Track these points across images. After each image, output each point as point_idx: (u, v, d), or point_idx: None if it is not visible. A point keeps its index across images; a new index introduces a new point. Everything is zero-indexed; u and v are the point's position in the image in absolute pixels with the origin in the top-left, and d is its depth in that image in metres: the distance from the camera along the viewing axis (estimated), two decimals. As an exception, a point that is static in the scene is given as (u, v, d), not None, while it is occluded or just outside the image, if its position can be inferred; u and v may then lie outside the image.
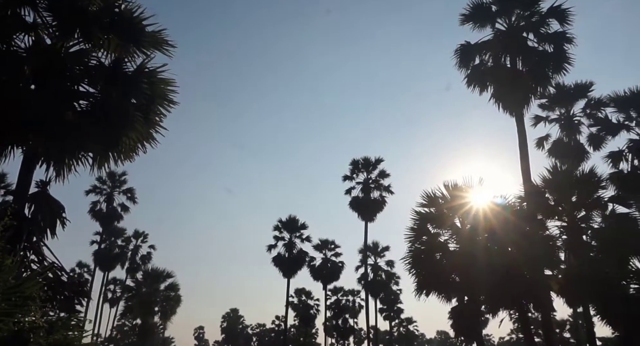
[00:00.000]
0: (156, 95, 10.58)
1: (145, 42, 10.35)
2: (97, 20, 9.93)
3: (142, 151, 10.88)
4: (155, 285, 36.57)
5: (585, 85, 23.41)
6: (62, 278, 9.10)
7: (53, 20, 9.97)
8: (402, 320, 61.66)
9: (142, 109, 10.51)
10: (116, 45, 10.31)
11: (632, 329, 14.40)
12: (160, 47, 10.43)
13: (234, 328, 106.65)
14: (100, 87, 10.38)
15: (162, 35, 10.37)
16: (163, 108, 10.80)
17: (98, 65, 10.33)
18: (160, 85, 10.53)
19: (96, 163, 10.61)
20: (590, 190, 16.30)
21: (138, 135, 10.55)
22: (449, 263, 15.73)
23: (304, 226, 43.56)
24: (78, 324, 6.73)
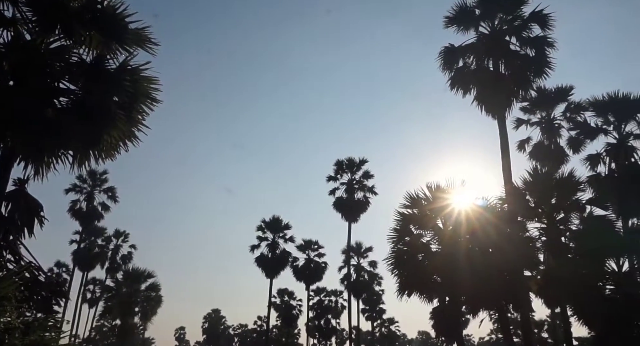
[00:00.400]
0: (139, 93, 10.43)
1: (128, 39, 10.21)
2: (79, 16, 9.75)
3: (124, 149, 10.74)
4: (135, 285, 36.10)
5: (566, 89, 23.86)
6: (39, 277, 8.94)
7: (33, 15, 9.77)
8: (384, 321, 61.96)
9: (125, 107, 10.36)
10: (98, 42, 10.15)
11: (608, 329, 14.72)
12: (144, 44, 10.30)
13: (215, 329, 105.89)
14: (82, 84, 10.19)
15: (145, 33, 10.23)
16: (146, 106, 10.66)
17: (79, 62, 10.14)
18: (143, 83, 10.39)
19: (76, 162, 10.42)
20: (569, 193, 16.62)
21: (120, 134, 10.40)
22: (430, 264, 15.86)
23: (288, 226, 43.51)
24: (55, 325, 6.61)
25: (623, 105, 20.64)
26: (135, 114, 10.55)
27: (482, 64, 18.12)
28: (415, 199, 16.53)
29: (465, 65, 18.35)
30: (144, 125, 10.75)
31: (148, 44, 10.35)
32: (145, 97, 10.52)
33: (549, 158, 23.26)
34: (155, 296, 36.59)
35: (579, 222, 16.45)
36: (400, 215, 16.49)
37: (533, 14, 17.35)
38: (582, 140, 22.40)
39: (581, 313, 15.48)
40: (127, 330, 35.53)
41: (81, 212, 41.41)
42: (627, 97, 20.61)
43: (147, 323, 37.40)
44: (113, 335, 44.17)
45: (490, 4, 17.75)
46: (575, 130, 22.94)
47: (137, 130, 10.70)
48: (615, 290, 16.23)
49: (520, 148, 24.96)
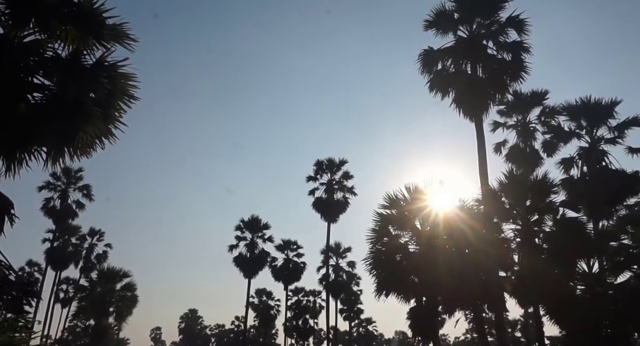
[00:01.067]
0: (116, 90, 10.25)
1: (105, 34, 10.00)
2: (54, 10, 9.53)
3: (100, 147, 10.54)
4: (110, 284, 35.42)
5: (541, 93, 24.37)
6: (9, 277, 8.70)
7: (6, 8, 9.50)
8: (361, 321, 62.35)
9: (101, 104, 10.16)
10: (74, 37, 9.92)
11: (578, 328, 15.10)
12: (122, 40, 10.10)
13: (192, 329, 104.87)
14: (57, 80, 9.95)
15: (123, 29, 10.04)
16: (123, 103, 10.48)
17: (54, 57, 9.91)
18: (120, 79, 10.21)
19: (50, 159, 10.18)
20: (543, 195, 16.99)
21: (96, 131, 10.20)
22: (408, 265, 16.01)
23: (267, 226, 43.38)
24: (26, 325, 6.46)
25: (595, 110, 21.24)
26: (112, 111, 10.36)
27: (460, 67, 18.37)
28: (394, 200, 16.66)
29: (443, 68, 18.58)
30: (121, 123, 10.57)
31: (126, 40, 10.15)
32: (123, 94, 10.34)
33: (525, 160, 23.70)
34: (130, 296, 35.96)
35: (552, 224, 16.81)
36: (379, 215, 16.60)
37: (510, 19, 17.68)
38: (556, 143, 22.92)
39: (553, 312, 15.84)
40: (101, 330, 34.86)
41: (55, 210, 40.50)
42: (599, 103, 21.23)
43: (122, 323, 36.72)
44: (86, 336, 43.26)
45: (468, 8, 18.01)
46: (550, 134, 23.45)
47: (114, 128, 10.50)
48: (585, 290, 16.69)
49: (496, 150, 25.37)
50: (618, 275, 16.93)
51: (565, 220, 16.62)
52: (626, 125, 21.11)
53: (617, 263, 16.74)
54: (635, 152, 20.97)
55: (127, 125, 10.60)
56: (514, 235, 17.37)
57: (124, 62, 10.10)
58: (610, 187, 19.55)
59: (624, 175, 20.25)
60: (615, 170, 20.53)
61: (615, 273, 16.85)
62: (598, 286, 16.46)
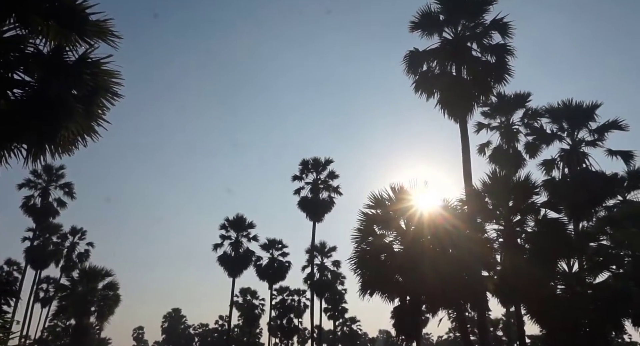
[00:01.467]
0: (99, 87, 10.12)
1: (88, 31, 9.86)
2: (35, 5, 9.36)
3: (82, 144, 10.40)
4: (92, 283, 34.90)
5: (524, 95, 24.64)
6: (-12, 277, 8.53)
7: (-15, 2, 9.31)
8: (346, 320, 62.47)
9: (84, 101, 10.02)
10: (56, 33, 9.76)
11: (558, 327, 15.36)
12: (105, 37, 9.97)
13: (175, 328, 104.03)
14: (38, 76, 9.79)
15: (106, 25, 9.92)
16: (106, 100, 10.36)
17: (36, 53, 9.74)
18: (103, 76, 10.08)
19: (31, 156, 10.01)
20: (526, 196, 17.23)
21: (78, 128, 10.06)
22: (393, 264, 16.09)
23: (252, 225, 43.24)
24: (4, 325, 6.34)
25: (576, 113, 21.58)
26: (95, 108, 10.23)
27: (445, 68, 18.52)
28: (379, 200, 16.73)
29: (429, 69, 18.71)
30: (104, 120, 10.44)
31: (110, 36, 10.04)
32: (106, 91, 10.21)
33: (508, 162, 23.94)
34: (112, 295, 35.47)
35: (534, 224, 17.05)
36: (364, 215, 16.66)
37: (494, 21, 17.87)
38: (538, 145, 23.21)
39: (534, 311, 16.09)
40: (82, 330, 34.32)
41: (35, 208, 39.79)
42: (580, 106, 21.57)
43: (104, 323, 36.19)
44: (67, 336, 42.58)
45: (453, 10, 18.15)
46: (532, 136, 23.73)
47: (96, 125, 10.38)
48: (565, 289, 16.99)
49: (480, 151, 25.56)
50: (597, 275, 17.27)
51: (547, 221, 16.88)
52: (606, 127, 21.50)
53: (596, 263, 17.06)
54: (615, 154, 21.36)
55: (110, 122, 10.49)
56: (496, 235, 17.61)
57: (107, 59, 9.99)
58: (590, 188, 19.88)
59: (603, 177, 20.61)
60: (595, 172, 20.89)
61: (595, 273, 17.19)
62: (578, 286, 16.77)
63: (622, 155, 21.29)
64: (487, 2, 17.82)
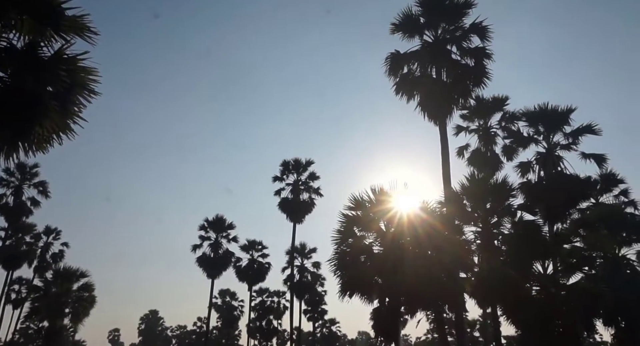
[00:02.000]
0: (75, 84, 9.89)
1: (64, 26, 9.63)
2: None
3: (57, 142, 10.16)
4: (66, 284, 34.16)
5: (501, 99, 25.02)
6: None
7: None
8: (325, 321, 62.48)
9: (59, 98, 9.80)
10: (30, 27, 9.51)
11: (532, 327, 15.63)
12: (82, 33, 9.75)
13: (152, 330, 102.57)
14: (11, 71, 9.52)
15: (83, 21, 9.70)
16: (83, 98, 10.14)
17: (9, 48, 9.48)
18: (80, 73, 9.86)
19: (3, 154, 9.73)
20: (503, 198, 17.48)
21: (53, 126, 9.82)
22: (372, 266, 16.13)
23: (231, 226, 42.93)
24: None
25: (552, 117, 22.01)
26: (71, 106, 10.00)
27: (425, 71, 18.71)
28: (360, 201, 16.75)
29: (409, 71, 18.88)
30: (81, 118, 10.21)
31: (87, 32, 9.83)
32: (82, 88, 9.99)
33: (485, 164, 24.26)
34: (88, 296, 34.76)
35: (510, 226, 17.31)
36: (344, 216, 16.66)
37: (473, 25, 18.13)
38: (515, 148, 23.58)
39: (509, 313, 16.33)
40: (55, 332, 33.54)
41: (7, 207, 38.76)
42: (556, 110, 22.02)
43: (78, 324, 35.45)
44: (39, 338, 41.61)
45: (433, 13, 18.36)
46: (509, 139, 24.09)
47: (72, 123, 10.14)
48: (540, 290, 17.29)
49: (459, 154, 25.83)
50: (570, 276, 17.63)
51: (523, 223, 17.15)
52: (580, 131, 21.97)
53: (569, 265, 17.41)
54: (588, 157, 21.85)
55: (86, 120, 10.27)
56: (474, 237, 17.79)
57: (84, 55, 9.78)
58: (564, 191, 20.29)
59: (577, 180, 21.05)
60: (569, 175, 21.31)
61: (568, 274, 17.54)
62: (552, 287, 17.08)
63: (595, 159, 21.80)
64: (467, 5, 18.09)
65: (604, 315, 17.87)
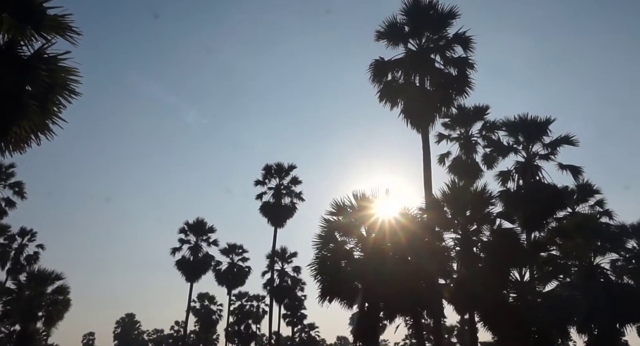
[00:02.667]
0: (55, 84, 9.77)
1: (45, 25, 9.51)
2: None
3: (35, 143, 9.99)
4: (40, 287, 33.38)
5: (482, 108, 25.42)
6: None
7: None
8: (304, 326, 62.22)
9: (38, 97, 9.65)
10: (10, 26, 9.34)
11: (508, 334, 15.87)
12: (63, 32, 9.64)
13: (128, 334, 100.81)
14: (-11, 70, 9.34)
15: (65, 20, 9.59)
16: (63, 98, 10.00)
17: (-13, 46, 9.31)
18: (60, 73, 9.74)
19: (-22, 153, 9.54)
20: (482, 206, 17.73)
21: (32, 126, 9.67)
22: (352, 271, 16.19)
23: (212, 229, 42.61)
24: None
25: (531, 127, 22.45)
26: (51, 106, 9.87)
27: (409, 79, 18.91)
28: (341, 207, 16.81)
29: (393, 79, 19.05)
30: (60, 118, 10.08)
31: (68, 32, 9.71)
32: (63, 88, 9.86)
33: (466, 172, 24.58)
34: (62, 299, 33.99)
35: (489, 234, 17.57)
36: (325, 221, 16.70)
37: (456, 35, 18.41)
38: (495, 157, 23.96)
39: (486, 319, 16.55)
40: (27, 336, 32.71)
41: (-20, 207, 37.78)
42: (535, 120, 22.46)
43: (52, 328, 34.64)
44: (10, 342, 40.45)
45: (418, 22, 18.59)
46: (490, 148, 24.48)
47: (51, 123, 10.00)
48: (516, 298, 17.57)
49: (440, 161, 26.13)
50: (546, 284, 17.98)
51: (501, 231, 17.42)
52: (558, 142, 22.45)
53: (546, 273, 17.76)
54: (565, 168, 22.33)
55: (66, 121, 10.12)
56: (454, 244, 18.00)
57: (65, 55, 9.66)
58: (542, 200, 20.68)
59: (554, 189, 21.49)
60: (547, 185, 21.73)
61: (544, 282, 17.88)
62: (528, 295, 17.37)
63: (571, 170, 22.28)
64: (451, 16, 18.37)
65: (578, 323, 18.21)
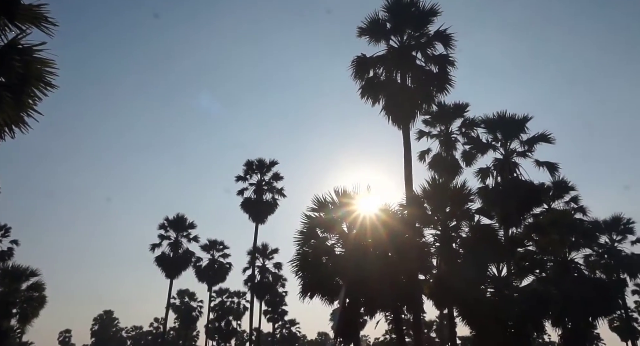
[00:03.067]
0: (31, 76, 9.50)
1: (19, 15, 9.22)
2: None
3: (9, 136, 9.72)
4: (15, 284, 32.66)
5: (462, 105, 25.66)
6: None
7: None
8: (285, 322, 62.30)
9: (12, 89, 9.38)
10: (-18, 15, 9.08)
11: (486, 328, 16.15)
12: (39, 23, 9.37)
13: (106, 331, 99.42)
14: (-40, 60, 9.05)
15: (41, 10, 9.32)
16: (38, 90, 9.73)
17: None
18: (36, 64, 9.47)
19: (-52, 147, 9.24)
20: (461, 202, 17.95)
21: (6, 118, 9.39)
22: (334, 267, 16.24)
23: (192, 225, 42.24)
24: None
25: (509, 124, 22.80)
26: (25, 98, 9.60)
27: (390, 75, 18.97)
28: (323, 203, 16.84)
29: (375, 75, 19.09)
30: (36, 111, 9.81)
31: (44, 23, 9.44)
32: (38, 80, 9.60)
33: (446, 169, 24.82)
34: (38, 296, 33.33)
35: (468, 230, 17.82)
36: (307, 218, 16.71)
37: (437, 33, 18.53)
38: (474, 154, 24.25)
39: (465, 314, 16.81)
40: (1, 333, 32.00)
41: (-48, 202, 36.78)
42: (513, 118, 22.82)
43: (27, 326, 33.95)
44: (-16, 340, 39.47)
45: (399, 19, 18.65)
46: (469, 145, 24.74)
47: (26, 116, 9.73)
48: (494, 292, 17.90)
49: (421, 158, 26.28)
50: (523, 279, 18.33)
51: (480, 227, 17.67)
52: (535, 140, 22.85)
53: (522, 268, 18.10)
54: (542, 165, 22.76)
55: (42, 113, 9.87)
56: (434, 240, 18.20)
57: (41, 46, 9.40)
58: (519, 197, 21.04)
59: (531, 186, 21.88)
60: (524, 181, 22.12)
61: (521, 277, 18.24)
62: (505, 289, 17.71)
63: (548, 166, 22.72)
64: (432, 14, 18.47)
65: (553, 316, 18.64)
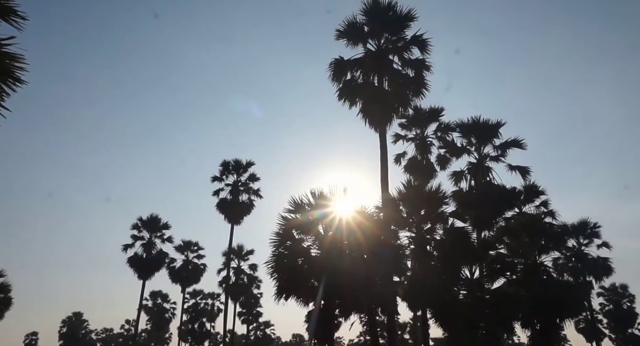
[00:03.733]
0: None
1: (-14, 8, 8.93)
2: None
3: (-25, 132, 9.39)
4: (-21, 286, 31.56)
5: (438, 110, 26.01)
6: None
7: None
8: (260, 324, 61.96)
9: (-22, 85, 9.06)
10: (-53, 8, 8.74)
11: (458, 330, 16.38)
12: (7, 17, 9.08)
13: (75, 334, 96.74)
14: None
15: (9, 4, 9.03)
16: (7, 86, 9.42)
17: None
18: (4, 59, 9.17)
19: None
20: (436, 205, 18.20)
21: (-29, 114, 9.07)
22: (309, 268, 16.19)
23: (167, 226, 41.52)
24: None
25: (483, 129, 23.27)
26: (-8, 94, 9.28)
27: (367, 79, 19.08)
28: (299, 204, 16.78)
29: (352, 78, 19.18)
30: (4, 107, 9.48)
31: (13, 16, 9.15)
32: (7, 75, 9.29)
33: (421, 172, 25.08)
34: (3, 298, 32.33)
35: (442, 233, 18.06)
36: (283, 219, 16.62)
37: (414, 37, 18.74)
38: (449, 158, 24.63)
39: (438, 315, 17.02)
40: (-37, 337, 30.89)
41: None
42: (487, 123, 23.31)
43: (-9, 329, 32.93)
44: (-55, 344, 38.02)
45: (377, 23, 18.79)
46: (444, 148, 25.12)
47: (-6, 112, 9.41)
48: (466, 294, 18.17)
49: (397, 161, 26.49)
50: (494, 281, 18.66)
51: (453, 230, 17.93)
52: (508, 145, 23.37)
53: (494, 270, 18.43)
54: (514, 169, 23.29)
55: (10, 110, 9.55)
56: (409, 242, 18.39)
57: (9, 40, 9.10)
58: (492, 200, 21.47)
59: (504, 190, 22.36)
60: (497, 185, 22.59)
61: (492, 279, 18.56)
62: (478, 291, 17.99)
63: (520, 171, 23.26)
64: (409, 18, 18.67)
65: (522, 318, 19.03)
